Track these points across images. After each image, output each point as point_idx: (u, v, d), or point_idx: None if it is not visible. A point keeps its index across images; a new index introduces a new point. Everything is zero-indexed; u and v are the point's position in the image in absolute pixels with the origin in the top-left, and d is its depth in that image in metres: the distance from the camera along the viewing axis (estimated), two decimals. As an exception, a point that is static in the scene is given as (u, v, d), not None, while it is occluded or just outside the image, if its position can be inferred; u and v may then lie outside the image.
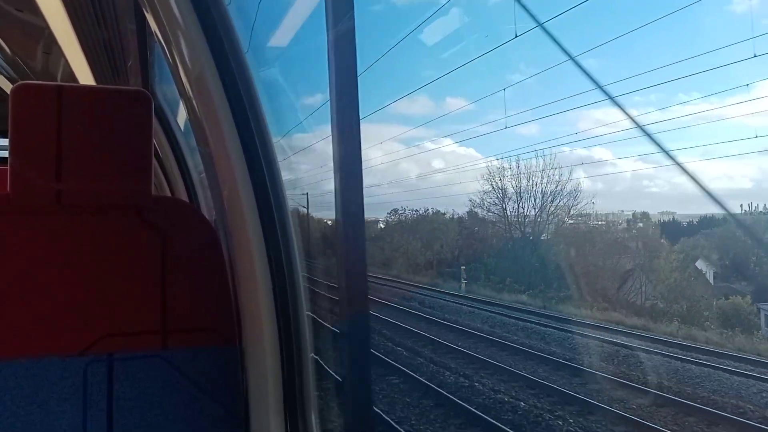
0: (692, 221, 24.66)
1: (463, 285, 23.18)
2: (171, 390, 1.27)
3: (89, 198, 1.27)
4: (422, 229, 30.28)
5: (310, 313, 1.35)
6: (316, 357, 1.37)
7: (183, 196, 3.67)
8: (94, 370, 1.22)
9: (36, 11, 2.41)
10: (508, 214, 27.48)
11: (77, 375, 1.21)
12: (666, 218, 26.15)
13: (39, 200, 1.24)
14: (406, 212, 33.13)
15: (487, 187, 27.21)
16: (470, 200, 28.65)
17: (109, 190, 1.28)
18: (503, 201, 27.31)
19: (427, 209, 32.10)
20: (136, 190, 1.30)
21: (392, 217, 34.20)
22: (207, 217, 1.52)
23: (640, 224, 25.55)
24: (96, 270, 1.26)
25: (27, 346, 1.19)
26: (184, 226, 1.36)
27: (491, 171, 27.05)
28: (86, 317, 1.23)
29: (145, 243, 1.30)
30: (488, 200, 27.61)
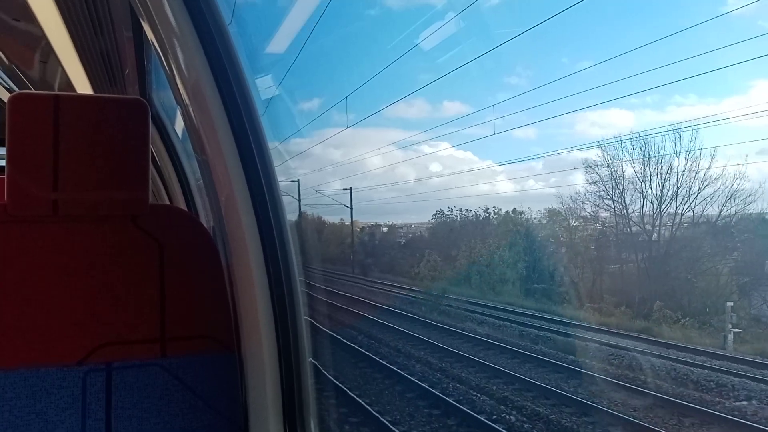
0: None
1: (729, 338, 12.58)
2: (170, 398, 1.26)
3: (86, 207, 1.27)
4: (495, 233, 24.10)
5: (308, 318, 1.35)
6: (314, 361, 1.37)
7: (181, 203, 3.67)
8: (93, 379, 1.22)
9: (33, 20, 2.42)
10: (630, 213, 19.94)
11: (76, 384, 1.21)
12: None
13: (36, 210, 1.24)
14: (453, 213, 28.44)
15: (593, 176, 20.60)
16: (564, 195, 21.53)
17: (106, 199, 1.28)
18: (621, 196, 19.91)
19: (487, 209, 26.60)
20: (133, 199, 1.30)
21: (439, 219, 29.34)
22: (205, 224, 1.52)
23: None
24: (93, 279, 1.26)
25: (25, 356, 1.19)
26: (181, 233, 1.36)
27: (606, 152, 20.25)
28: (84, 327, 1.23)
29: (143, 251, 1.30)
30: (602, 193, 20.45)
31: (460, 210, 28.65)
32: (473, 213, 27.93)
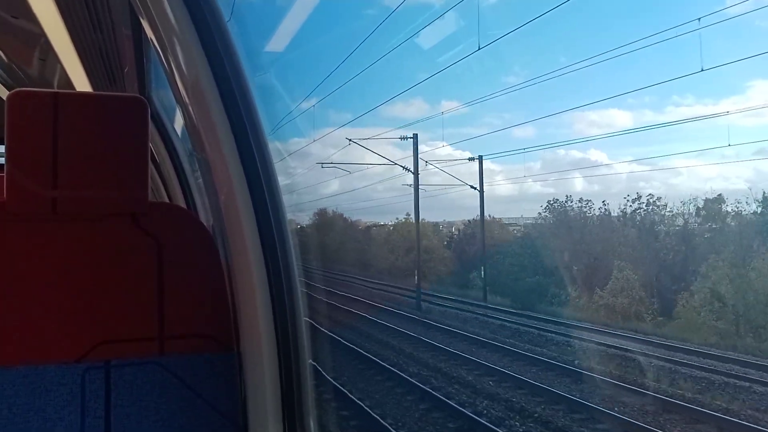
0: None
1: None
2: (168, 397, 1.26)
3: (85, 206, 1.27)
4: (701, 235, 16.32)
5: (308, 319, 1.35)
6: (314, 363, 1.36)
7: (180, 201, 3.67)
8: (92, 377, 1.22)
9: (32, 18, 2.41)
10: None
11: (75, 382, 1.21)
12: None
13: (35, 208, 1.24)
14: (571, 208, 22.29)
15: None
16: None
17: (105, 197, 1.28)
18: None
19: (638, 197, 19.03)
20: (132, 197, 1.30)
21: (549, 214, 23.49)
22: (205, 222, 1.51)
23: None
24: (92, 277, 1.25)
25: (24, 353, 1.19)
26: (180, 232, 1.35)
27: None
28: (83, 325, 1.23)
29: (142, 249, 1.29)
30: None
31: (580, 201, 21.82)
32: (610, 207, 19.64)
